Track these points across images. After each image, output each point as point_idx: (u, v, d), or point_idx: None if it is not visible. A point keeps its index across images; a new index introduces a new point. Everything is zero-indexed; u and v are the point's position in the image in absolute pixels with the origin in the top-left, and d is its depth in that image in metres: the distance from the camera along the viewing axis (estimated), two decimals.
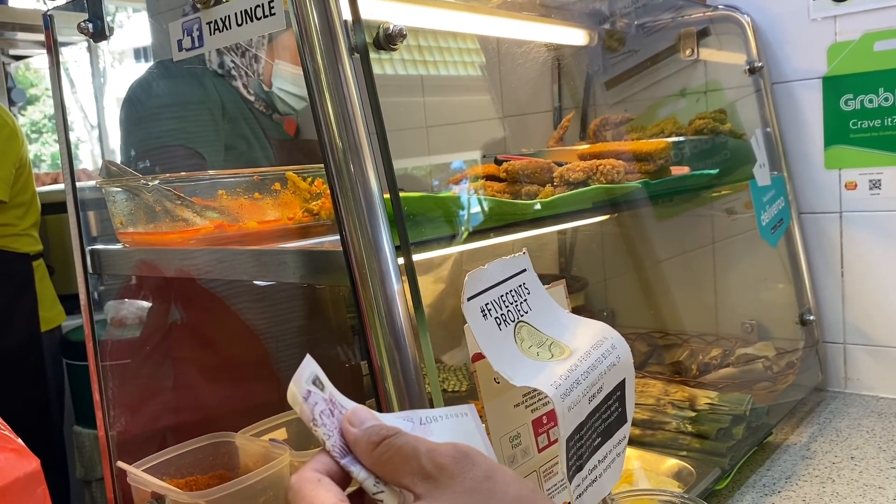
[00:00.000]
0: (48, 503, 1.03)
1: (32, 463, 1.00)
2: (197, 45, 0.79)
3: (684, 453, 1.17)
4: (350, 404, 0.52)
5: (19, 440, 1.01)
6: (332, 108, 0.69)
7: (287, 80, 1.49)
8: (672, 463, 1.15)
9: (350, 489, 0.49)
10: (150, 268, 0.97)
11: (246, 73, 1.47)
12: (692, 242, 1.67)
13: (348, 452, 0.49)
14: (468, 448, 0.47)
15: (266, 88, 1.49)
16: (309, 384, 0.50)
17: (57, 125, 0.98)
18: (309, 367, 0.51)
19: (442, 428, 0.54)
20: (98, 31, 0.93)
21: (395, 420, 0.52)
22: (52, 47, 0.97)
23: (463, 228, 0.90)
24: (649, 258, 1.57)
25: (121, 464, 1.00)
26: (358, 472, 0.48)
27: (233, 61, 1.48)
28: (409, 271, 0.73)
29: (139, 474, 0.98)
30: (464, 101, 1.83)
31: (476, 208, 0.93)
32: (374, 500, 0.48)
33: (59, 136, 0.99)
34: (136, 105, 1.40)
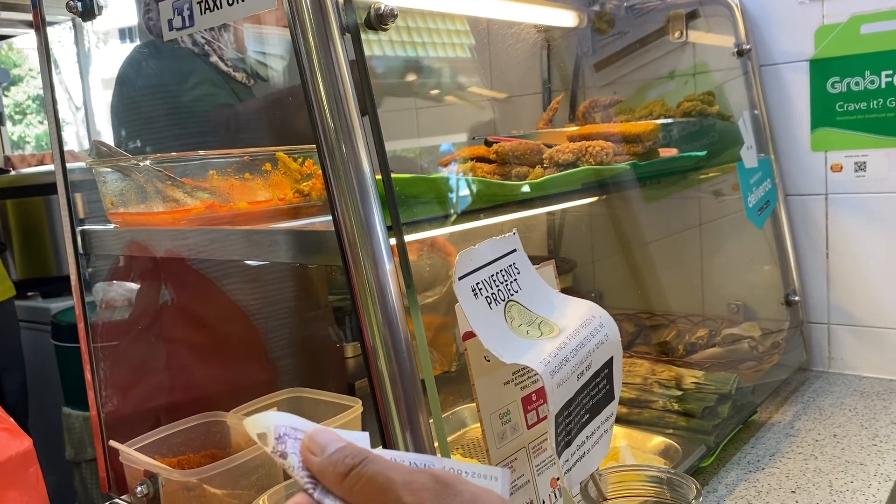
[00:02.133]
0: (41, 482, 1.03)
1: (25, 442, 1.01)
2: (188, 24, 0.79)
3: (671, 431, 1.19)
4: (309, 426, 0.47)
5: (11, 420, 1.02)
6: (323, 88, 0.69)
7: (262, 42, 1.47)
8: (658, 441, 1.17)
9: None
10: (141, 248, 0.98)
11: (219, 45, 1.46)
12: (679, 224, 1.68)
13: (319, 483, 0.45)
14: (448, 476, 0.44)
15: (241, 55, 1.47)
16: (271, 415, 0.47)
17: (46, 105, 0.98)
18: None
19: None
20: (87, 10, 0.92)
21: (409, 459, 0.47)
22: (41, 26, 0.96)
23: (453, 209, 0.90)
24: (637, 240, 1.58)
25: (113, 443, 1.01)
26: None
27: (203, 36, 1.46)
28: (401, 251, 0.74)
29: (131, 453, 0.99)
30: (453, 84, 1.83)
31: (466, 189, 0.93)
32: None
33: (48, 116, 0.98)
34: (127, 85, 1.40)
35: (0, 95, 3.79)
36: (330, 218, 0.73)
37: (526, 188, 0.99)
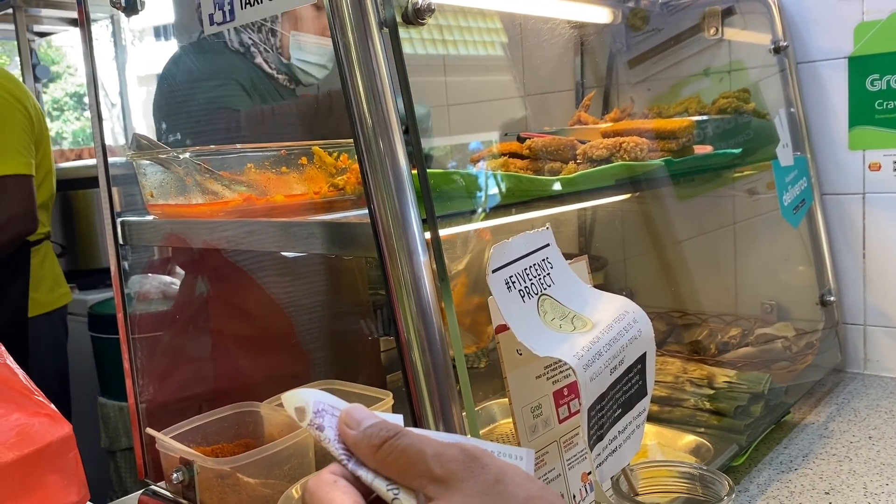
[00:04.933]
0: (80, 467, 1.06)
1: (65, 428, 1.03)
2: (228, 18, 0.80)
3: (702, 430, 1.18)
4: (344, 404, 0.50)
5: (52, 406, 1.04)
6: (361, 83, 0.70)
7: (305, 50, 1.51)
8: (690, 439, 1.17)
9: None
10: (179, 239, 1.00)
11: (265, 48, 1.49)
12: (713, 222, 1.67)
13: (353, 455, 0.47)
14: (476, 450, 0.46)
15: (285, 61, 1.51)
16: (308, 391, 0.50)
17: (89, 100, 1.00)
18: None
19: None
20: (130, 5, 0.94)
21: (439, 437, 0.48)
22: (85, 22, 0.98)
23: (486, 204, 0.91)
24: (669, 238, 1.57)
25: (150, 430, 1.03)
26: (366, 475, 0.46)
27: (251, 38, 1.49)
28: (435, 245, 0.74)
29: (168, 441, 1.00)
30: (486, 81, 1.83)
31: (500, 185, 0.94)
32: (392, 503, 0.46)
33: (91, 111, 1.01)
34: (169, 80, 1.43)
35: (40, 92, 3.87)
36: (364, 211, 0.74)
37: (559, 183, 0.99)
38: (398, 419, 0.50)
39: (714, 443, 1.14)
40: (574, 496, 0.83)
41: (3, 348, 1.03)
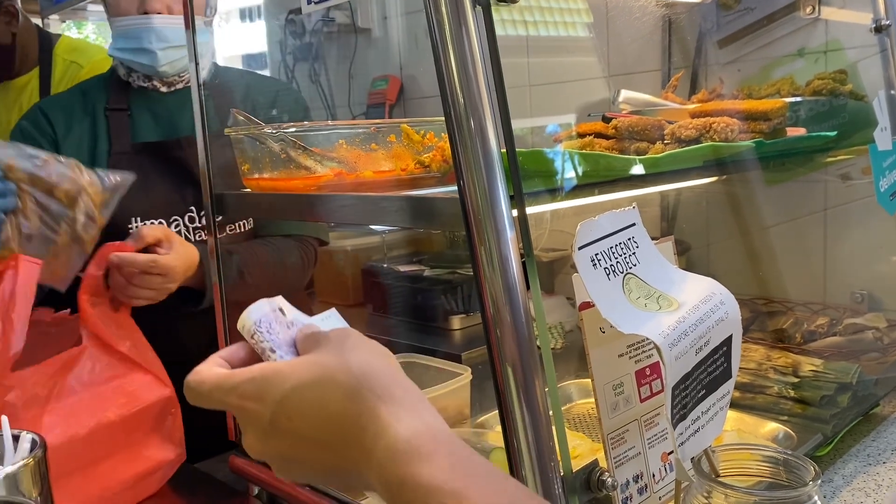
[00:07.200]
0: (179, 428, 1.12)
1: (166, 390, 1.10)
2: None
3: (785, 418, 1.16)
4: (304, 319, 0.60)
5: (161, 366, 1.11)
6: (454, 61, 0.71)
7: (128, 37, 1.26)
8: (772, 427, 1.15)
9: None
10: (274, 212, 1.04)
11: None
12: (803, 208, 1.62)
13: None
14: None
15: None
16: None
17: (192, 78, 1.05)
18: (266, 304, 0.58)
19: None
20: None
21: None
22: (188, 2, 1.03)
23: (571, 183, 0.91)
24: (756, 223, 1.53)
25: None
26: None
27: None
28: (522, 222, 0.75)
29: None
30: (570, 61, 1.82)
31: (584, 164, 0.94)
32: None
33: (192, 88, 1.06)
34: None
35: None
36: (448, 188, 0.76)
37: (645, 164, 0.98)
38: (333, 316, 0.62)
39: (797, 432, 1.12)
40: (653, 475, 0.83)
41: None
